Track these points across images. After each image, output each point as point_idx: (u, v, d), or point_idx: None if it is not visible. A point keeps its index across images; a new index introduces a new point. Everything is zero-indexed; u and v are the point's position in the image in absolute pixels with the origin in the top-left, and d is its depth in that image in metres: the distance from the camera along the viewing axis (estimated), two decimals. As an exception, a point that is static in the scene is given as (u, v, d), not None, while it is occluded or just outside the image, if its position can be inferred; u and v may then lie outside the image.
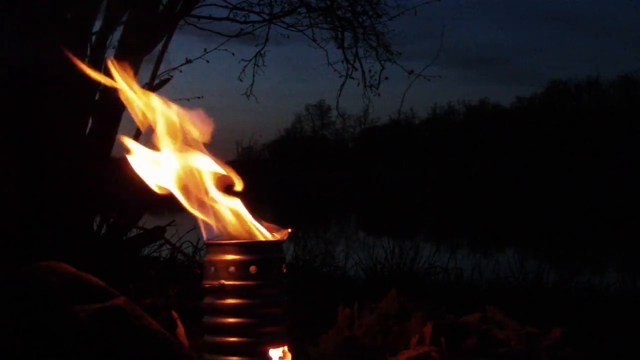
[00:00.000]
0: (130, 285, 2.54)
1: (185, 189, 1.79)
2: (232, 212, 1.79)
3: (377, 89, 7.58)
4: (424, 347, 1.99)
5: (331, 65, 7.54)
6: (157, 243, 4.48)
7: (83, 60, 3.81)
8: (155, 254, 4.69)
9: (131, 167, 1.80)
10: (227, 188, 1.82)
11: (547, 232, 13.36)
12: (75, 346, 1.69)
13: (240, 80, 7.56)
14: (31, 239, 3.31)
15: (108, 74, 1.88)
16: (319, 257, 5.50)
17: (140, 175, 1.81)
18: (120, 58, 3.87)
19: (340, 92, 7.96)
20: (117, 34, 4.04)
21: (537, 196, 28.11)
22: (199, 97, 5.45)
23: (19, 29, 3.49)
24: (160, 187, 1.81)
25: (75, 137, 3.68)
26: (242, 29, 6.66)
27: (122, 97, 1.87)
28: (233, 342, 1.67)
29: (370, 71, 7.55)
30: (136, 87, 1.88)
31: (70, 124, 3.65)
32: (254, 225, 1.79)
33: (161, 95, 1.90)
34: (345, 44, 7.37)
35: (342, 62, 7.47)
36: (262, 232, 1.79)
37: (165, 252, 4.68)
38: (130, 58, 3.91)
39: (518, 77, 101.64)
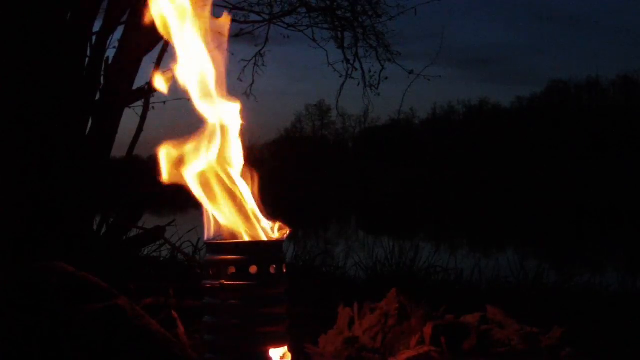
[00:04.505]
0: (130, 285, 2.54)
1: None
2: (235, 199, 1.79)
3: (377, 89, 7.58)
4: (424, 347, 1.99)
5: (331, 65, 7.53)
6: (157, 243, 4.48)
7: (83, 60, 3.81)
8: (155, 254, 4.69)
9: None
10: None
11: (547, 232, 13.36)
12: (76, 346, 1.69)
13: (240, 80, 7.54)
14: (31, 239, 3.31)
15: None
16: (319, 257, 5.49)
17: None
18: (120, 58, 3.88)
19: (340, 92, 7.96)
20: (117, 34, 4.04)
21: (537, 196, 28.11)
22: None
23: (19, 28, 3.49)
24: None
25: (75, 138, 3.68)
26: (242, 29, 6.65)
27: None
28: (233, 341, 1.66)
29: (370, 71, 7.55)
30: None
31: (70, 124, 3.65)
32: (254, 222, 1.79)
33: (159, 93, 1.93)
34: (345, 44, 7.37)
35: (342, 62, 7.47)
36: (262, 231, 1.79)
37: (165, 252, 4.68)
38: (130, 58, 3.92)
39: (518, 77, 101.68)
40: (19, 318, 1.71)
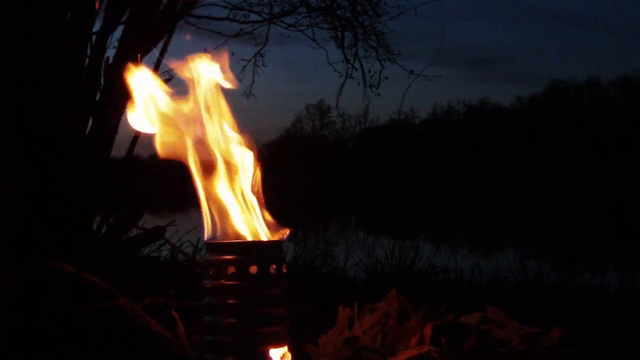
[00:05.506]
0: (130, 285, 2.54)
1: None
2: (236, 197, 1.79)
3: (377, 89, 7.57)
4: (424, 347, 1.99)
5: (331, 65, 7.53)
6: (157, 243, 4.48)
7: (83, 60, 3.81)
8: (155, 254, 4.68)
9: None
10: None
11: (547, 232, 13.36)
12: (76, 346, 1.69)
13: (240, 80, 7.54)
14: (31, 239, 3.31)
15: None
16: (319, 257, 5.49)
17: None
18: (120, 58, 3.88)
19: (340, 92, 7.95)
20: (117, 34, 4.04)
21: (537, 196, 28.11)
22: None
23: (19, 28, 3.49)
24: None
25: (75, 138, 3.68)
26: (242, 29, 6.66)
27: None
28: (233, 342, 1.66)
29: (370, 71, 7.55)
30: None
31: (70, 124, 3.65)
32: (255, 222, 1.79)
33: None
34: (345, 44, 7.37)
35: (342, 62, 7.47)
36: (262, 231, 1.79)
37: (165, 252, 4.67)
38: (130, 58, 3.92)
39: (518, 77, 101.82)
40: (19, 318, 1.71)
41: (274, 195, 1.90)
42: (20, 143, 3.52)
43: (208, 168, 1.81)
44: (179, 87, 1.88)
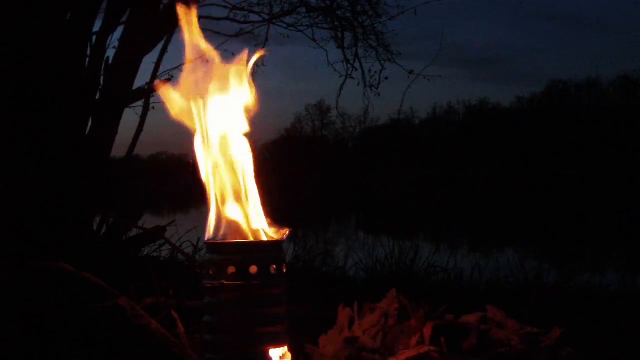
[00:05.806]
0: (130, 285, 2.54)
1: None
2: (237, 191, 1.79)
3: (377, 89, 7.59)
4: (424, 347, 1.99)
5: (331, 65, 7.54)
6: (157, 243, 4.48)
7: (83, 60, 3.81)
8: (155, 254, 4.68)
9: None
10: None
11: (547, 232, 13.36)
12: (76, 346, 1.69)
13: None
14: (31, 239, 3.31)
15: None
16: (319, 257, 5.48)
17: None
18: (120, 58, 3.89)
19: (340, 92, 7.96)
20: (117, 34, 4.05)
21: (537, 196, 28.12)
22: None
23: (20, 27, 3.49)
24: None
25: (75, 138, 3.68)
26: (242, 29, 6.68)
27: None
28: (233, 342, 1.66)
29: (370, 71, 7.56)
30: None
31: (70, 124, 3.65)
32: (254, 222, 1.79)
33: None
34: (345, 44, 7.38)
35: (342, 62, 7.48)
36: (262, 231, 1.79)
37: (165, 252, 4.68)
38: (131, 58, 3.92)
39: (518, 77, 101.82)
40: (19, 318, 1.71)
41: (274, 195, 1.90)
42: (20, 143, 3.52)
43: (211, 167, 1.81)
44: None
